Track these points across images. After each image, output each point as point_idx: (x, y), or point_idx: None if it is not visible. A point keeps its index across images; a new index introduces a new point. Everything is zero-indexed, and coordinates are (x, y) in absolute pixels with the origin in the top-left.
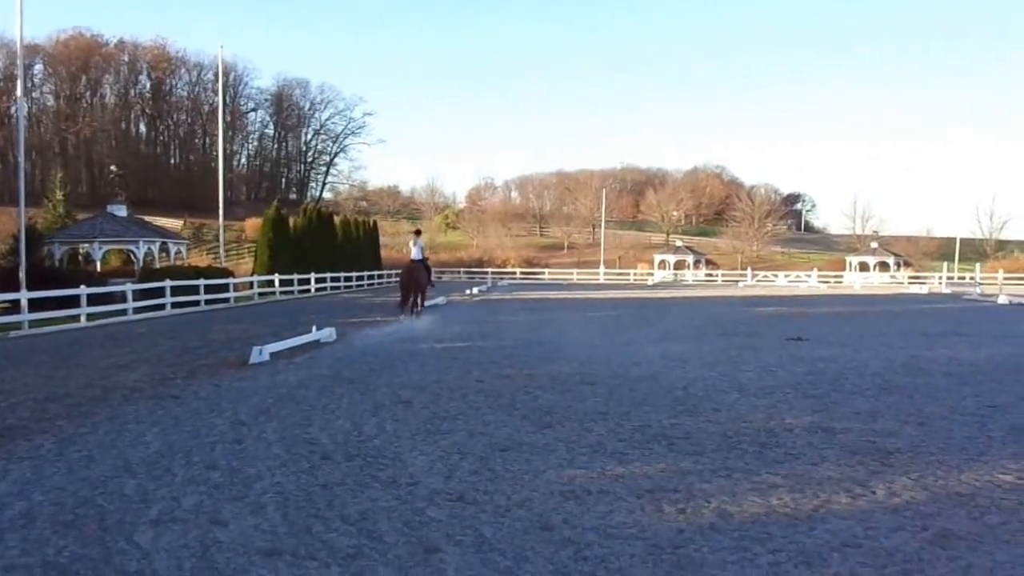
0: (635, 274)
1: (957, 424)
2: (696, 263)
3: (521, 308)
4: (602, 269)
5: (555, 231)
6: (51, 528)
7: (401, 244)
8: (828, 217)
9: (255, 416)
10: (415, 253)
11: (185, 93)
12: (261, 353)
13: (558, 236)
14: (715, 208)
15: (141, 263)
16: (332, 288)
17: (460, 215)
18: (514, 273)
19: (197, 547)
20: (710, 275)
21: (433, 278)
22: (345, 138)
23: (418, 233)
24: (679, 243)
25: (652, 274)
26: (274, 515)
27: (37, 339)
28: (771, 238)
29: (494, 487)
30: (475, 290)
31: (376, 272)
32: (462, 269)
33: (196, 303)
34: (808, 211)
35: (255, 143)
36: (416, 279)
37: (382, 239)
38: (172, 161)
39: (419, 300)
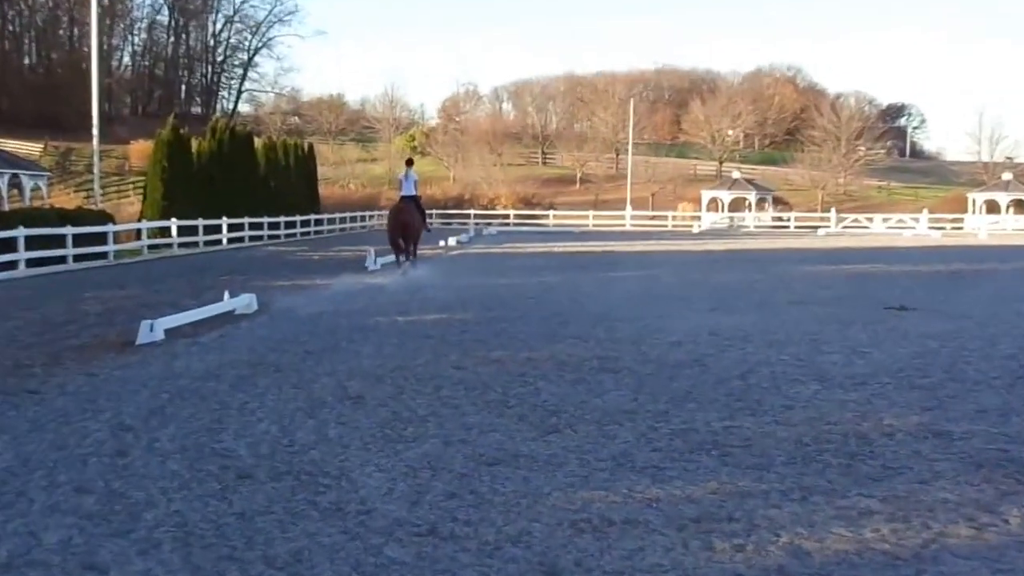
0: (675, 218)
1: None
2: (760, 202)
3: (517, 267)
4: (629, 212)
5: (564, 158)
6: None
7: (347, 177)
8: (944, 138)
9: (145, 418)
10: (406, 189)
11: None
12: (153, 330)
13: (568, 165)
14: (786, 126)
15: None
16: (252, 239)
17: (431, 136)
18: (507, 217)
19: None
20: (779, 219)
21: (428, 223)
22: (269, 28)
23: (409, 163)
24: (736, 175)
25: (699, 218)
26: (171, 557)
27: None
28: (864, 167)
29: (479, 516)
30: (452, 240)
31: (314, 216)
32: (434, 211)
33: (62, 259)
34: (916, 130)
35: (143, 36)
36: (406, 223)
37: (322, 170)
38: (26, 61)
39: (413, 250)
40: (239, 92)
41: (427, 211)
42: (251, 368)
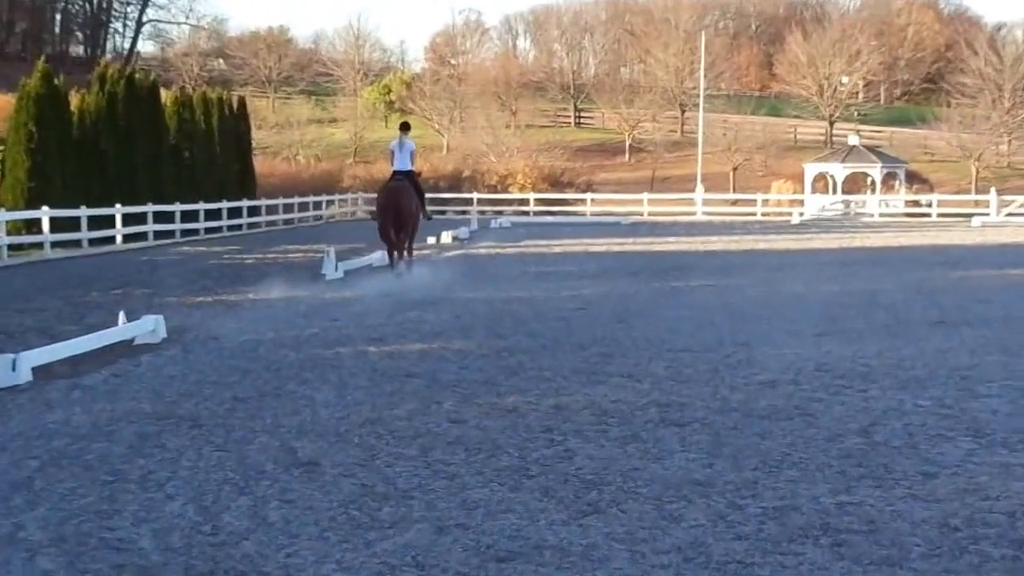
0: (766, 202)
1: None
2: (888, 179)
3: (539, 274)
4: (700, 193)
5: (606, 118)
6: None
7: (295, 145)
8: None
9: (5, 496)
10: (399, 162)
11: None
12: (15, 369)
13: (612, 128)
14: (924, 70)
15: None
16: (159, 235)
17: (414, 87)
18: (525, 202)
19: None
20: (915, 203)
21: (428, 210)
22: None
23: (404, 128)
24: (854, 140)
25: (800, 202)
26: None
27: None
28: None
29: None
30: (446, 236)
31: (248, 202)
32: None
33: None
34: None
35: None
36: (400, 208)
37: (259, 135)
38: None
39: (408, 245)
40: (138, 24)
41: None
42: (157, 422)
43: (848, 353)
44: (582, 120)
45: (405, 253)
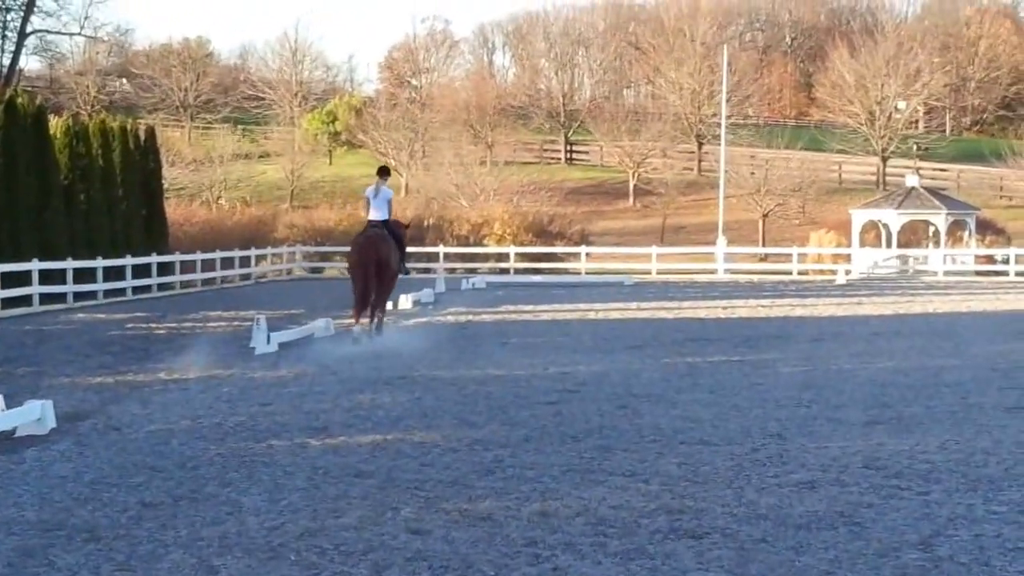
0: (805, 257)
1: None
2: (955, 229)
3: (522, 346)
4: (722, 246)
5: (604, 152)
6: None
7: (218, 186)
8: None
9: None
10: (375, 211)
11: None
12: None
13: (612, 164)
14: (1000, 94)
15: None
16: (46, 299)
17: (365, 113)
18: (504, 257)
19: None
20: (988, 260)
21: (406, 264)
22: None
23: (383, 173)
24: (913, 181)
25: (847, 257)
26: None
27: None
28: None
29: None
30: (407, 301)
31: (158, 258)
32: None
33: None
34: None
35: None
36: (379, 259)
37: (172, 173)
38: None
39: (381, 301)
40: (20, 35)
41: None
42: (44, 534)
43: (905, 446)
44: (575, 155)
45: (376, 316)
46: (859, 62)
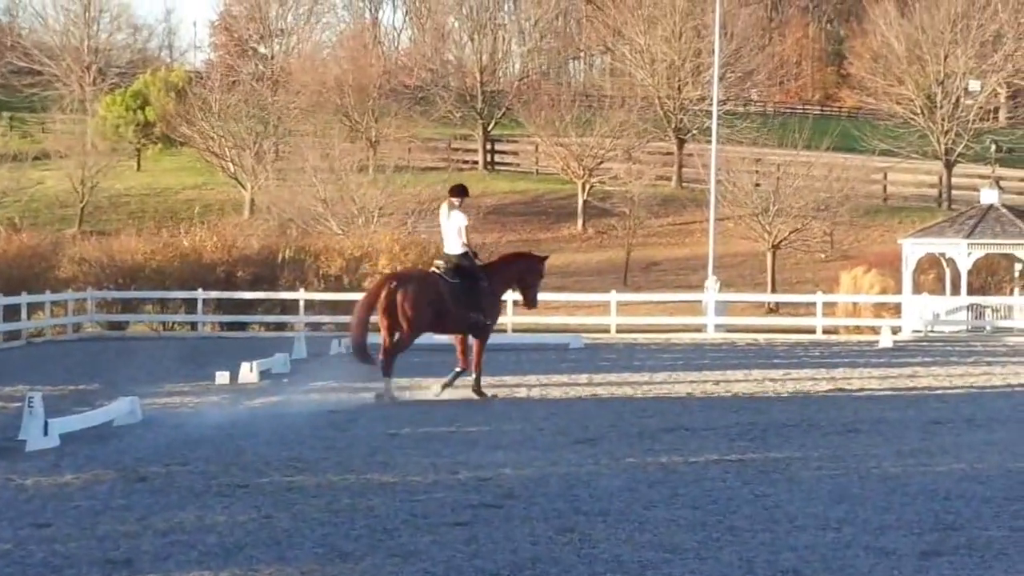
0: (833, 309)
1: None
2: None
3: (414, 440)
4: (713, 291)
5: (542, 152)
6: None
7: None
8: None
9: None
10: (446, 241)
11: None
12: None
13: (554, 173)
14: None
15: None
16: None
17: (190, 93)
18: None
19: None
20: None
21: (476, 315)
22: None
23: (459, 193)
24: (991, 196)
25: (897, 308)
26: None
27: None
28: None
29: None
30: (250, 371)
31: None
32: (203, 293)
33: None
34: None
35: None
36: (388, 306)
37: None
38: None
39: (476, 363)
40: None
41: (168, 296)
42: None
43: None
44: (499, 158)
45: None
46: (912, 24)
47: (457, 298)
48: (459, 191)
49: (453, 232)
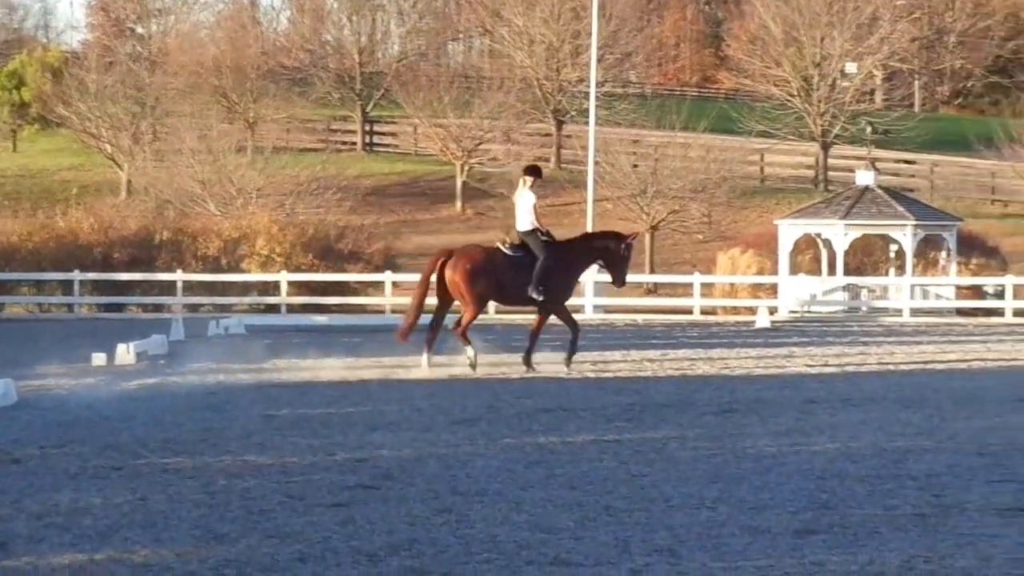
0: (710, 290)
1: None
2: (926, 248)
3: (292, 422)
4: (590, 273)
5: (420, 134)
6: None
7: None
8: None
9: None
10: (522, 218)
11: None
12: None
13: (432, 154)
14: (991, 53)
15: None
16: None
17: (67, 74)
18: (273, 288)
19: None
20: (974, 292)
21: (539, 289)
22: None
23: (533, 173)
24: (867, 178)
25: (774, 288)
26: None
27: None
28: None
29: None
30: (127, 352)
31: None
32: (56, 277)
33: None
34: None
35: None
36: (442, 275)
37: None
38: None
39: (572, 338)
40: None
41: (36, 277)
42: None
43: (853, 566)
44: (378, 139)
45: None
46: (789, 6)
47: (516, 271)
48: (533, 171)
49: (524, 210)
